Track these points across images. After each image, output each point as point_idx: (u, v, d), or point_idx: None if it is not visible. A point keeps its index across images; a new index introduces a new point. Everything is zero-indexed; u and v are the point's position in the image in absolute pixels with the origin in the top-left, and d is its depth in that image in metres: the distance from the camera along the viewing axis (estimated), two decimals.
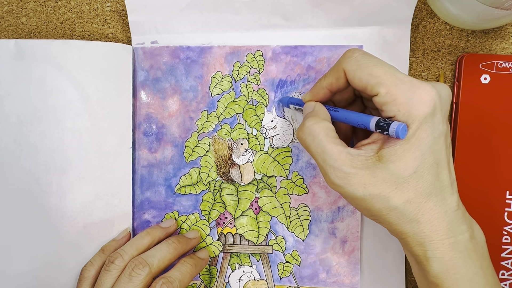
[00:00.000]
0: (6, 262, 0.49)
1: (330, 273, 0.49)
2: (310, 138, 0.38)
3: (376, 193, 0.36)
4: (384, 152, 0.36)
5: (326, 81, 0.41)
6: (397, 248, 0.49)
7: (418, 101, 0.35)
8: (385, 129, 0.35)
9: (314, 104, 0.42)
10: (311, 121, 0.39)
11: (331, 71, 0.40)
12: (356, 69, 0.37)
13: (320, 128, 0.38)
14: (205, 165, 0.51)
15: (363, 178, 0.36)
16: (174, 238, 0.48)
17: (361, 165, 0.36)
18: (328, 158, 0.37)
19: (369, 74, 0.36)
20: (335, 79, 0.40)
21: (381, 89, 0.35)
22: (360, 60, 0.37)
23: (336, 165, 0.36)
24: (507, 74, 0.47)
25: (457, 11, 0.45)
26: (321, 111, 0.41)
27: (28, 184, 0.48)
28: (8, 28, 0.54)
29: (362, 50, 0.38)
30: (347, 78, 0.39)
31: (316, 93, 0.42)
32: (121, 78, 0.50)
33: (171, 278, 0.45)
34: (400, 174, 0.35)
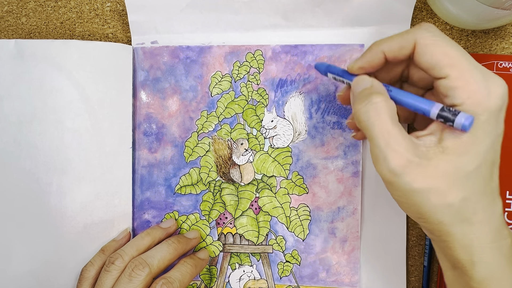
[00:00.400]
0: (6, 262, 0.49)
1: (330, 272, 0.50)
2: (376, 117, 0.34)
3: (434, 186, 0.33)
4: (448, 143, 0.33)
5: (387, 45, 0.37)
6: (398, 248, 0.49)
7: (492, 92, 0.33)
8: (450, 120, 0.33)
9: (371, 79, 0.38)
10: (379, 98, 0.35)
11: (396, 36, 0.37)
12: (430, 44, 0.34)
13: (387, 108, 0.34)
14: (205, 165, 0.51)
15: (425, 169, 0.33)
16: (174, 238, 0.48)
17: (423, 155, 0.33)
18: (393, 141, 0.33)
19: (443, 53, 0.34)
20: (398, 47, 0.36)
21: (453, 72, 0.33)
22: (437, 36, 0.35)
23: (400, 150, 0.33)
24: (507, 74, 0.47)
25: (457, 11, 0.45)
26: (382, 88, 0.37)
27: (28, 184, 0.48)
28: (8, 28, 0.54)
29: (437, 29, 0.36)
30: (414, 50, 0.36)
31: (371, 58, 0.38)
32: (121, 78, 0.50)
33: (171, 278, 0.45)
34: (464, 169, 0.33)
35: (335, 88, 0.49)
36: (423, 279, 0.50)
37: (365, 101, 0.35)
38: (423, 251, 0.50)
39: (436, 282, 0.50)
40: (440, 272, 0.49)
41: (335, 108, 0.49)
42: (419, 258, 0.50)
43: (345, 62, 0.49)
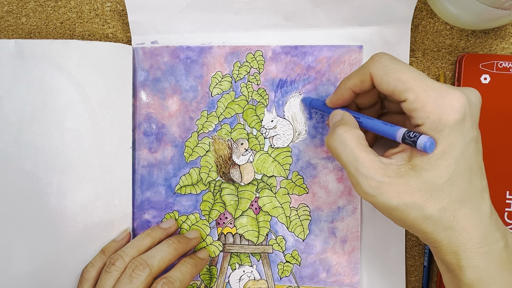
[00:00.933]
0: (6, 262, 0.49)
1: (330, 272, 0.50)
2: (341, 146, 0.37)
3: (410, 202, 0.35)
4: (417, 161, 0.35)
5: (350, 82, 0.40)
6: (398, 248, 0.49)
7: (448, 108, 0.34)
8: (412, 144, 0.35)
9: (342, 112, 0.41)
10: (342, 129, 0.38)
11: (356, 72, 0.40)
12: (384, 74, 0.37)
13: (351, 136, 0.37)
14: (205, 165, 0.51)
15: (397, 187, 0.35)
16: (174, 239, 0.48)
17: (394, 174, 0.35)
18: (360, 167, 0.36)
19: (397, 79, 0.36)
20: (359, 81, 0.39)
21: (410, 95, 0.35)
22: (388, 65, 0.37)
23: (369, 174, 0.36)
24: (507, 74, 0.47)
25: (457, 11, 0.45)
26: (350, 119, 0.40)
27: (28, 184, 0.48)
28: (8, 28, 0.54)
29: (389, 55, 0.38)
30: (373, 81, 0.38)
31: (341, 94, 0.42)
32: (121, 78, 0.50)
33: (171, 278, 0.45)
34: (435, 182, 0.35)
35: (335, 89, 0.49)
36: (423, 279, 0.50)
37: (331, 133, 0.39)
38: (423, 251, 0.50)
39: (436, 282, 0.50)
40: (440, 272, 0.49)
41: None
42: (419, 258, 0.50)
43: (344, 63, 0.49)
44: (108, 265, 0.45)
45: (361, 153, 0.36)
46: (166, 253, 0.46)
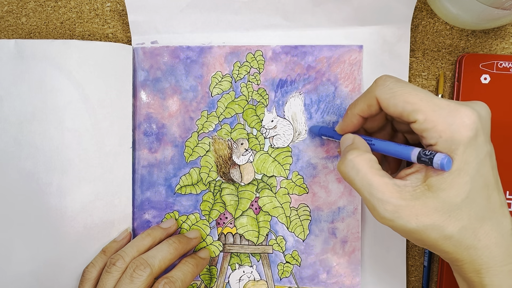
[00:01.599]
0: (7, 262, 0.49)
1: (330, 273, 0.49)
2: (353, 171, 0.37)
3: (429, 223, 0.34)
4: (432, 181, 0.35)
5: (357, 108, 0.40)
6: (399, 249, 0.49)
7: (460, 126, 0.34)
8: (428, 163, 0.34)
9: (353, 136, 0.41)
10: (353, 154, 0.37)
11: (362, 98, 0.39)
12: (390, 97, 0.36)
13: (363, 161, 0.37)
14: (205, 165, 0.51)
15: (414, 209, 0.34)
16: (174, 238, 0.48)
17: (410, 196, 0.35)
18: (375, 192, 0.35)
19: (404, 101, 0.35)
20: (366, 106, 0.39)
21: (419, 116, 0.35)
22: (393, 87, 0.36)
23: (385, 198, 0.35)
24: (507, 74, 0.47)
25: (457, 11, 0.45)
26: (361, 143, 0.40)
27: (28, 184, 0.48)
28: (8, 28, 0.54)
29: (393, 77, 0.38)
30: (380, 105, 0.38)
31: (350, 121, 0.42)
32: (121, 78, 0.50)
33: (173, 278, 0.45)
34: (453, 202, 0.34)
35: (335, 88, 0.49)
36: (423, 279, 0.50)
37: (342, 159, 0.38)
38: (423, 251, 0.50)
39: (436, 282, 0.50)
40: (440, 272, 0.49)
41: (334, 108, 0.49)
42: (419, 258, 0.50)
43: (344, 63, 0.49)
44: (108, 265, 0.45)
45: (374, 177, 0.36)
46: (166, 253, 0.46)
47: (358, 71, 0.49)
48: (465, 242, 0.35)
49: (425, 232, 0.35)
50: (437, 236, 0.35)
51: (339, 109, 0.49)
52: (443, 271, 0.48)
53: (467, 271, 0.36)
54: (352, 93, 0.49)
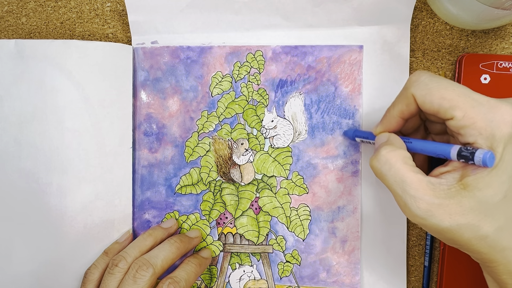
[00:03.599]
0: (7, 262, 0.49)
1: (330, 272, 0.50)
2: (386, 167, 0.36)
3: (464, 222, 0.33)
4: (469, 180, 0.34)
5: (396, 109, 0.39)
6: (399, 249, 0.49)
7: (500, 123, 0.33)
8: (469, 158, 0.33)
9: (388, 134, 0.40)
10: (387, 149, 0.36)
11: (399, 98, 0.39)
12: (426, 94, 0.35)
13: (397, 156, 0.36)
14: (205, 165, 0.51)
15: (448, 208, 0.33)
16: (176, 238, 0.48)
17: (444, 194, 0.34)
18: (408, 188, 0.34)
19: (441, 97, 0.34)
20: (405, 106, 0.38)
21: (457, 113, 0.34)
22: (429, 83, 0.36)
23: (418, 195, 0.34)
24: (507, 74, 0.47)
25: (457, 11, 0.45)
26: (396, 140, 0.39)
27: (28, 184, 0.48)
28: (8, 28, 0.54)
29: (428, 72, 0.37)
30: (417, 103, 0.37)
31: (388, 123, 0.41)
32: (121, 78, 0.50)
33: (177, 278, 0.45)
34: (489, 201, 0.33)
35: (335, 89, 0.49)
36: (423, 279, 0.50)
37: (375, 154, 0.37)
38: (423, 251, 0.50)
39: (436, 282, 0.50)
40: (440, 272, 0.49)
41: (334, 108, 0.49)
42: (419, 258, 0.50)
43: (344, 63, 0.49)
44: (111, 267, 0.45)
45: (408, 173, 0.35)
46: (168, 253, 0.46)
47: (358, 71, 0.49)
48: (500, 242, 0.34)
49: (458, 232, 0.33)
50: (471, 236, 0.33)
51: (339, 109, 0.49)
52: (443, 271, 0.48)
53: (501, 273, 0.35)
54: (352, 93, 0.49)
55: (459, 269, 0.48)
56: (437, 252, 0.50)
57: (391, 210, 0.49)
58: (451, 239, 0.35)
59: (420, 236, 0.50)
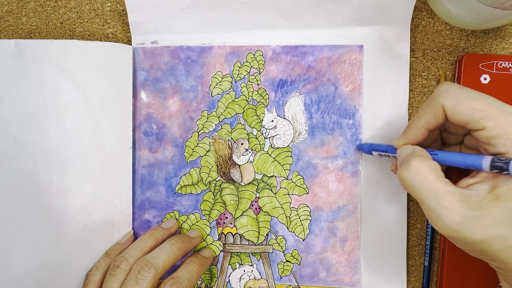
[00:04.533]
0: (7, 262, 0.49)
1: (330, 272, 0.50)
2: (418, 178, 0.35)
3: (496, 234, 0.33)
4: (502, 191, 0.33)
5: (422, 120, 0.39)
6: (399, 249, 0.49)
7: None
8: (504, 169, 0.33)
9: (412, 146, 0.39)
10: (417, 160, 0.35)
11: (426, 109, 0.38)
12: (457, 104, 0.35)
13: (429, 168, 0.35)
14: (205, 165, 0.51)
15: (482, 220, 0.33)
16: (177, 238, 0.48)
17: (476, 206, 0.33)
18: (442, 200, 0.33)
19: (472, 108, 0.35)
20: (433, 117, 0.38)
21: (488, 123, 0.34)
22: (459, 94, 0.36)
23: (453, 207, 0.33)
24: (507, 74, 0.47)
25: (457, 11, 0.45)
26: (423, 151, 0.38)
27: (28, 184, 0.48)
28: (8, 28, 0.54)
29: (456, 84, 0.37)
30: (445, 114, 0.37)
31: (413, 135, 0.40)
32: (121, 78, 0.50)
33: (179, 278, 0.45)
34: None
35: (335, 89, 0.49)
36: (423, 279, 0.50)
37: (405, 165, 0.36)
38: (423, 251, 0.50)
39: (436, 282, 0.50)
40: (440, 272, 0.49)
41: (334, 108, 0.49)
42: (419, 258, 0.50)
43: (344, 63, 0.49)
44: (112, 268, 0.45)
45: (441, 185, 0.34)
46: (170, 253, 0.46)
47: (359, 71, 0.49)
48: None
49: (489, 243, 0.33)
50: (501, 246, 0.33)
51: (339, 109, 0.49)
52: (443, 271, 0.48)
53: None
54: (353, 93, 0.49)
55: (459, 269, 0.48)
56: (437, 252, 0.50)
57: (391, 210, 0.49)
58: (481, 251, 0.34)
59: (420, 236, 0.50)
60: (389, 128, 0.49)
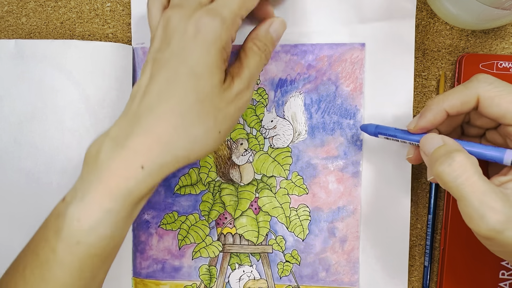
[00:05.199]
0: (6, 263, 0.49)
1: (329, 271, 0.50)
2: (464, 176, 0.33)
3: None
4: None
5: (448, 103, 0.37)
6: (399, 249, 0.49)
7: None
8: None
9: (441, 136, 0.37)
10: (462, 156, 0.34)
11: (456, 93, 0.37)
12: (495, 96, 0.35)
13: (473, 165, 0.34)
14: (204, 165, 0.51)
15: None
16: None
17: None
18: (488, 199, 0.32)
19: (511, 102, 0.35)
20: (460, 103, 0.37)
21: None
22: (499, 86, 0.35)
23: (497, 207, 0.32)
24: (507, 74, 0.47)
25: (457, 11, 0.45)
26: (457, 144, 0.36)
27: (28, 184, 0.48)
28: (8, 28, 0.54)
29: (493, 76, 0.37)
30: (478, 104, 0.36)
31: (433, 117, 0.38)
32: (121, 78, 0.50)
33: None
34: None
35: (336, 88, 0.49)
36: (423, 279, 0.50)
37: (447, 161, 0.34)
38: (423, 251, 0.50)
39: (436, 282, 0.50)
40: (440, 272, 0.49)
41: (335, 108, 0.49)
42: (419, 258, 0.50)
43: (345, 61, 0.48)
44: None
45: (485, 183, 0.33)
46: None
47: (360, 70, 0.48)
48: None
49: None
50: None
51: (340, 109, 0.49)
52: (443, 271, 0.48)
53: None
54: (354, 92, 0.48)
55: (459, 269, 0.48)
56: (437, 252, 0.50)
57: (391, 210, 0.49)
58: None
59: (420, 236, 0.50)
60: None
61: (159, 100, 0.37)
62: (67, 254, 0.35)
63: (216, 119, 0.38)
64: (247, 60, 0.41)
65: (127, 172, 0.36)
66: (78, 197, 0.36)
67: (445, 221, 0.48)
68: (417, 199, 0.50)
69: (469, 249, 0.47)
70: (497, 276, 0.47)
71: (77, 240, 0.35)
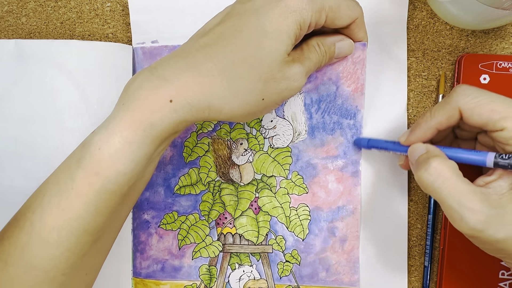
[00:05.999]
0: None
1: (329, 271, 0.50)
2: (440, 180, 0.35)
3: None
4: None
5: (435, 120, 0.39)
6: (399, 249, 0.49)
7: None
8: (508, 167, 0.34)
9: (425, 145, 0.39)
10: (437, 161, 0.35)
11: (440, 110, 0.39)
12: (475, 107, 0.36)
13: (449, 168, 0.35)
14: (204, 165, 0.51)
15: (503, 218, 0.33)
16: None
17: (497, 204, 0.34)
18: (465, 200, 0.33)
19: (491, 110, 0.35)
20: (446, 118, 0.38)
21: (508, 124, 0.34)
22: (477, 96, 0.36)
23: (476, 207, 0.33)
24: (507, 74, 0.47)
25: (457, 11, 0.45)
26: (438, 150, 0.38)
27: (27, 184, 0.48)
28: (8, 28, 0.54)
29: (473, 87, 0.37)
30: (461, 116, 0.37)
31: (423, 134, 0.40)
32: (121, 78, 0.50)
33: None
34: None
35: (336, 88, 0.49)
36: (423, 279, 0.50)
37: (424, 166, 0.36)
38: (423, 251, 0.50)
39: (436, 282, 0.50)
40: (440, 272, 0.49)
41: (335, 108, 0.49)
42: (419, 258, 0.50)
43: (346, 61, 0.48)
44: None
45: (463, 185, 0.34)
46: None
47: (362, 70, 0.48)
48: None
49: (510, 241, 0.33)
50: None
51: (341, 109, 0.49)
52: (443, 271, 0.48)
53: None
54: (355, 93, 0.48)
55: (459, 269, 0.48)
56: (437, 252, 0.50)
57: (391, 210, 0.49)
58: (502, 250, 0.34)
59: (420, 236, 0.50)
60: (390, 129, 0.49)
61: (217, 41, 0.36)
62: (85, 184, 0.35)
63: (266, 85, 0.37)
64: (309, 53, 0.41)
65: (155, 104, 0.35)
66: (104, 126, 0.36)
67: (445, 221, 0.48)
68: (417, 199, 0.50)
69: (469, 249, 0.47)
70: (497, 276, 0.47)
71: (96, 170, 0.35)
